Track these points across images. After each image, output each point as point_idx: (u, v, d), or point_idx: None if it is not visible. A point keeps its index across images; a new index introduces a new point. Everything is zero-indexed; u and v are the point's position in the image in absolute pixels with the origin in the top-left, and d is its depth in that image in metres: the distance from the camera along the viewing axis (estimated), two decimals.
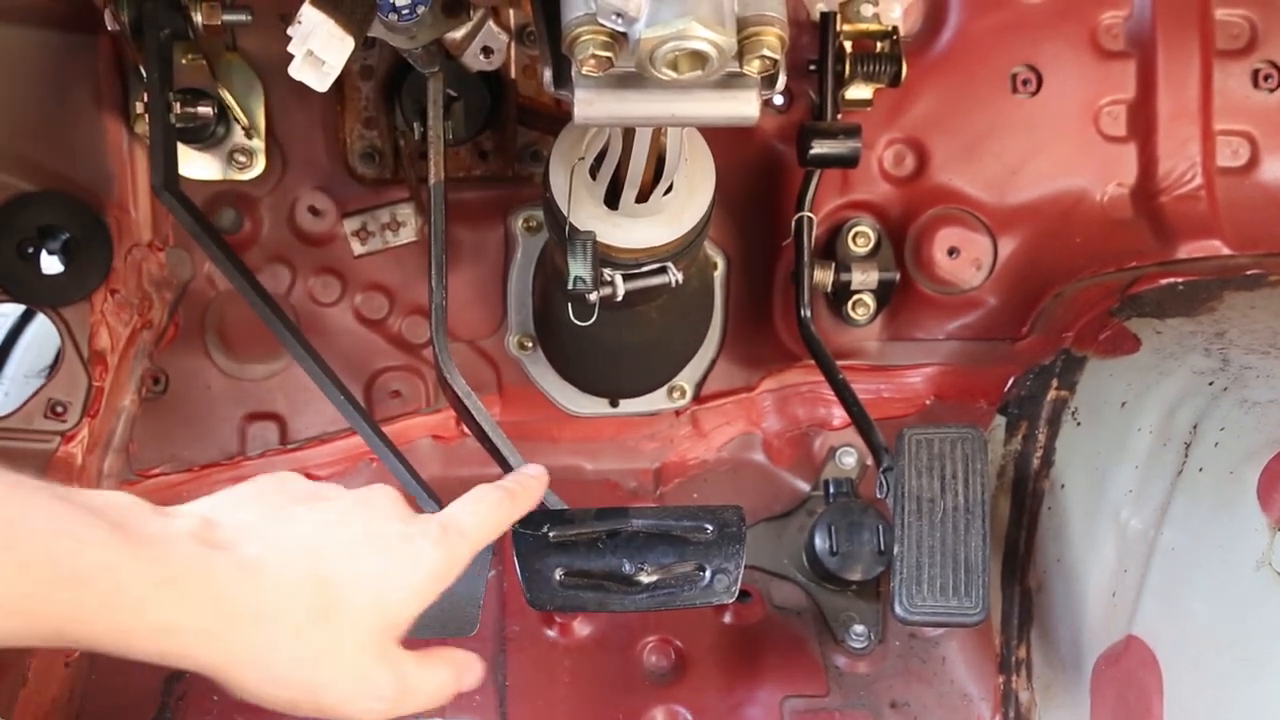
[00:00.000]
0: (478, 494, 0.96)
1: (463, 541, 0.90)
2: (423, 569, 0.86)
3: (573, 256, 1.19)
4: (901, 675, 1.50)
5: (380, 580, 0.83)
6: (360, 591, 0.82)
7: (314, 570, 0.80)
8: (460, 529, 0.91)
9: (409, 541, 0.86)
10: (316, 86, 1.04)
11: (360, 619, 0.82)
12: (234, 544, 0.79)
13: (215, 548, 0.78)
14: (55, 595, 0.69)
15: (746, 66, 0.89)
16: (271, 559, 0.79)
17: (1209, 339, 1.32)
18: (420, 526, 0.88)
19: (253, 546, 0.79)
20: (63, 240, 1.47)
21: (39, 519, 0.70)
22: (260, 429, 1.61)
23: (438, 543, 0.88)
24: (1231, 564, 1.09)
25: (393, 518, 0.87)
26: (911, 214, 1.62)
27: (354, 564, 0.83)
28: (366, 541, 0.84)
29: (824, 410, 1.64)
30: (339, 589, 0.81)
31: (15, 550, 0.68)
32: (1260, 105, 1.62)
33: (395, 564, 0.85)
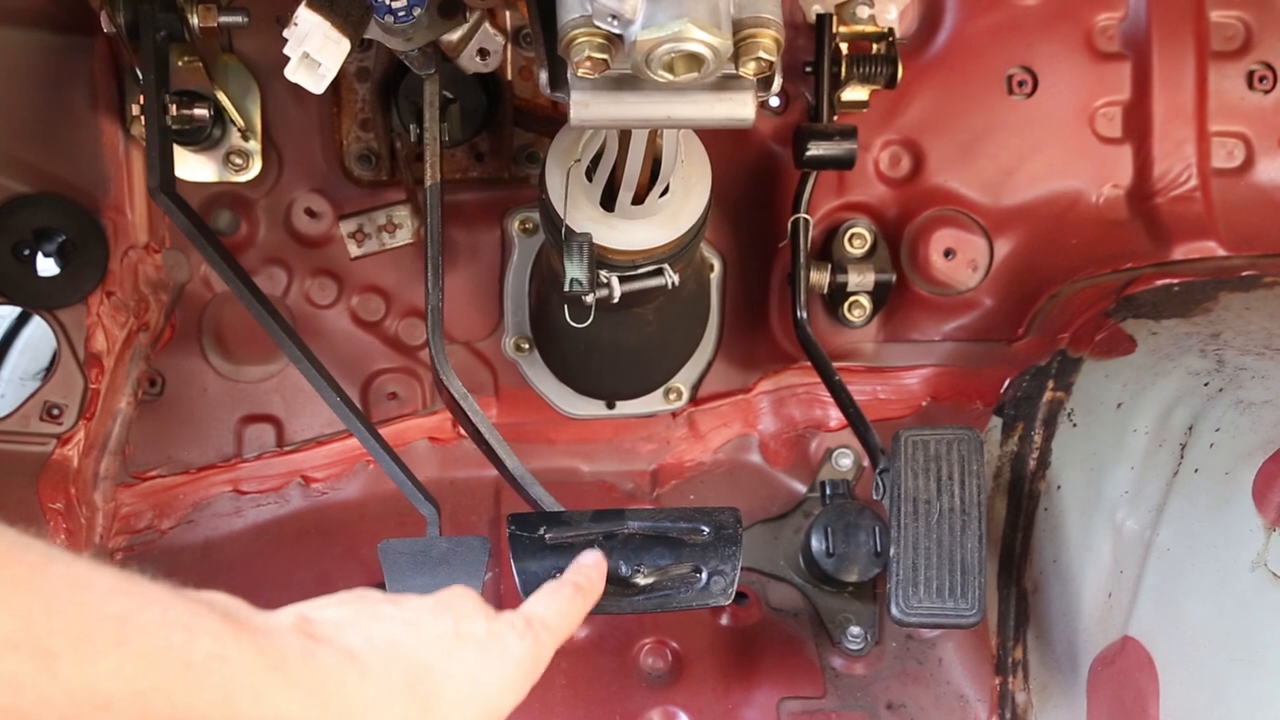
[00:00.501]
0: (552, 588, 0.99)
1: (547, 634, 0.92)
2: (513, 663, 0.87)
3: (569, 258, 1.19)
4: (898, 677, 1.51)
5: (473, 675, 0.84)
6: (455, 686, 0.83)
7: (410, 665, 0.81)
8: (543, 621, 0.93)
9: (496, 638, 0.87)
10: (312, 88, 1.03)
11: (456, 713, 0.82)
12: (332, 638, 0.79)
13: (317, 640, 0.78)
14: (171, 689, 0.67)
15: (742, 68, 0.89)
16: (369, 653, 0.79)
17: (1204, 340, 1.32)
18: (505, 623, 0.89)
19: (351, 639, 0.79)
20: (59, 242, 1.47)
21: (151, 612, 0.68)
22: (257, 431, 1.61)
23: (523, 635, 0.89)
24: (1227, 564, 1.09)
25: (477, 616, 0.88)
26: (907, 215, 1.62)
27: (446, 660, 0.83)
28: (456, 638, 0.85)
29: (820, 412, 1.64)
30: (435, 684, 0.81)
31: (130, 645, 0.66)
32: (1255, 106, 1.63)
33: (486, 659, 0.86)
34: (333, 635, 0.78)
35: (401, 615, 0.83)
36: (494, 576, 1.52)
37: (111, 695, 0.65)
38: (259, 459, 1.61)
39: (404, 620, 0.83)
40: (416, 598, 0.88)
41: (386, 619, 0.82)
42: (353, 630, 0.80)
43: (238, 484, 1.60)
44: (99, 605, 0.65)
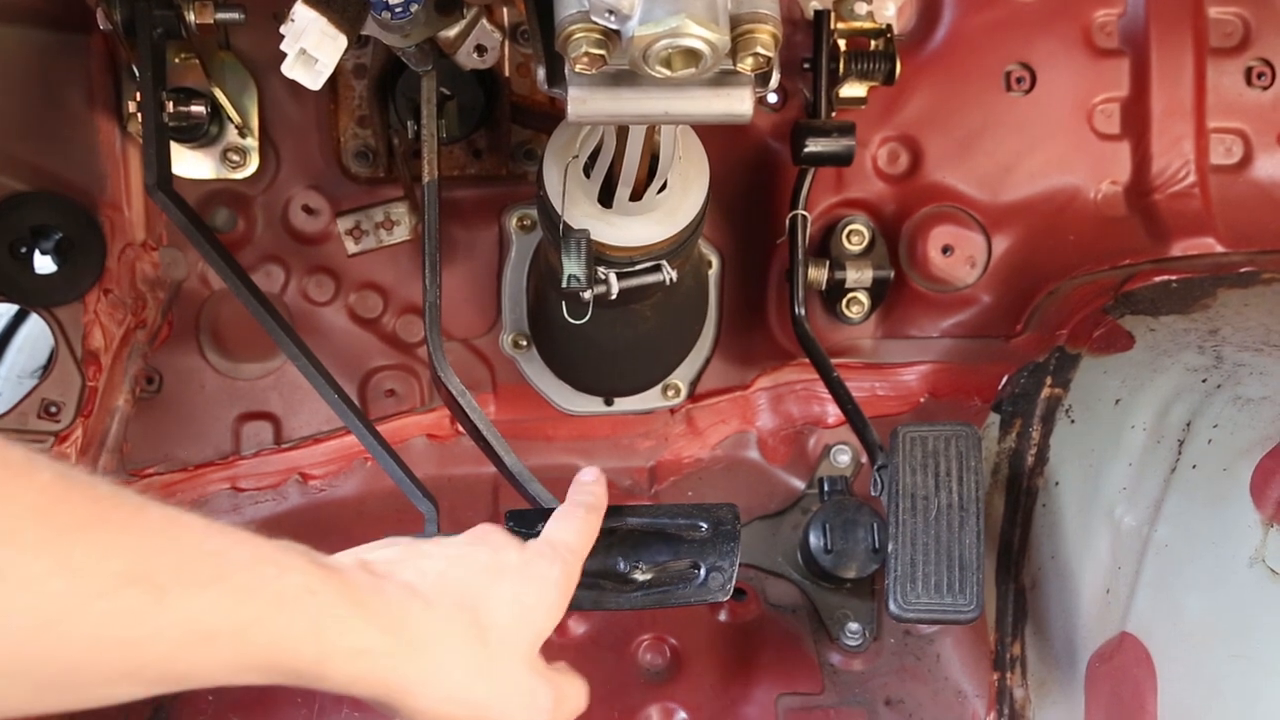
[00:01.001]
0: (564, 512, 1.05)
1: (570, 554, 0.98)
2: (550, 585, 0.93)
3: (567, 255, 1.18)
4: (896, 673, 1.51)
5: (518, 599, 0.90)
6: (505, 610, 0.88)
7: (462, 594, 0.86)
8: (566, 544, 0.98)
9: (529, 565, 0.93)
10: (309, 85, 1.03)
11: (510, 637, 0.88)
12: (390, 574, 0.83)
13: (379, 576, 0.82)
14: (268, 622, 0.71)
15: (740, 64, 0.89)
16: (425, 586, 0.84)
17: (1202, 336, 1.32)
18: (534, 550, 0.95)
19: (408, 574, 0.84)
20: (56, 240, 1.46)
21: (244, 549, 0.72)
22: (255, 428, 1.61)
23: (552, 560, 0.95)
24: (1225, 560, 1.09)
25: (509, 547, 0.94)
26: (906, 212, 1.62)
27: (492, 588, 0.89)
28: (497, 568, 0.90)
29: (818, 408, 1.64)
30: (488, 609, 0.87)
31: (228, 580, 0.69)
32: (1253, 103, 1.63)
33: (525, 585, 0.91)
34: (390, 572, 0.83)
35: (444, 552, 0.89)
36: None
37: (215, 628, 0.68)
38: (257, 456, 1.61)
39: (447, 556, 0.88)
40: (451, 537, 0.94)
41: (432, 556, 0.87)
42: (406, 567, 0.84)
43: (236, 481, 1.60)
44: (197, 543, 0.69)
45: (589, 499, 1.08)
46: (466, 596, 0.86)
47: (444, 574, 0.87)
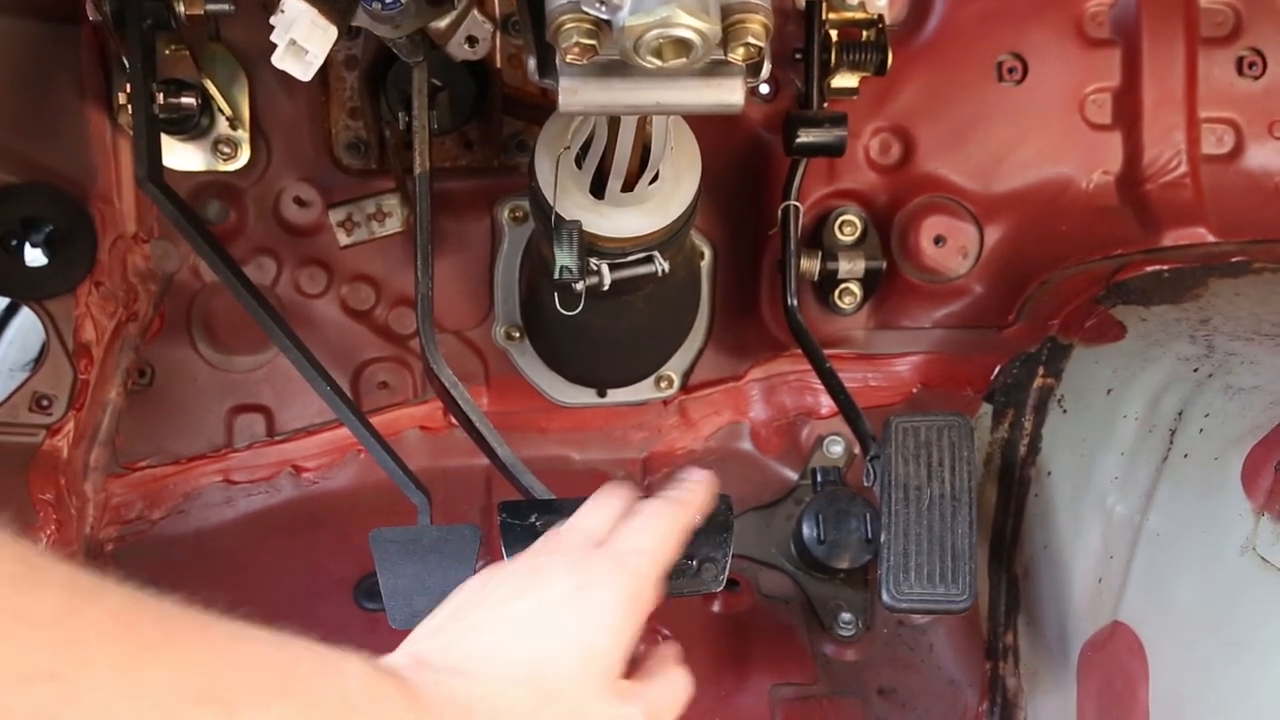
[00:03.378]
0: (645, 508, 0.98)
1: (640, 559, 0.92)
2: (611, 604, 0.88)
3: (559, 246, 1.18)
4: (889, 663, 1.51)
5: (579, 641, 0.85)
6: (567, 660, 0.84)
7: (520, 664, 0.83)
8: (635, 549, 0.92)
9: (585, 590, 0.88)
10: (300, 76, 1.03)
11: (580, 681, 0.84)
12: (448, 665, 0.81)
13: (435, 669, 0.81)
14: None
15: (731, 54, 0.88)
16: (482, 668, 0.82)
17: (1194, 326, 1.32)
18: (592, 569, 0.90)
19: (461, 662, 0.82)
20: (46, 233, 1.46)
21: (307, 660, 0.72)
22: (247, 421, 1.61)
23: (614, 573, 0.89)
24: (1216, 549, 1.10)
25: (559, 577, 0.89)
26: (898, 202, 1.62)
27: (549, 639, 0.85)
28: (549, 610, 0.86)
29: (811, 399, 1.65)
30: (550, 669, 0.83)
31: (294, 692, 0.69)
32: (1244, 93, 1.63)
33: (583, 617, 0.86)
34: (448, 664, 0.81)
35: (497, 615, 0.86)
36: (485, 565, 1.52)
37: None
38: (249, 449, 1.60)
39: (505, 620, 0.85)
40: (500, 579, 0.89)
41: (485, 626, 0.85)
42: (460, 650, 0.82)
43: (228, 474, 1.60)
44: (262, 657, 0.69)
45: (679, 493, 1.01)
46: (524, 665, 0.83)
47: (500, 646, 0.84)
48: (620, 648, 0.87)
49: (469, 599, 0.90)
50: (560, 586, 0.88)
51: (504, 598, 0.88)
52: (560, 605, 0.87)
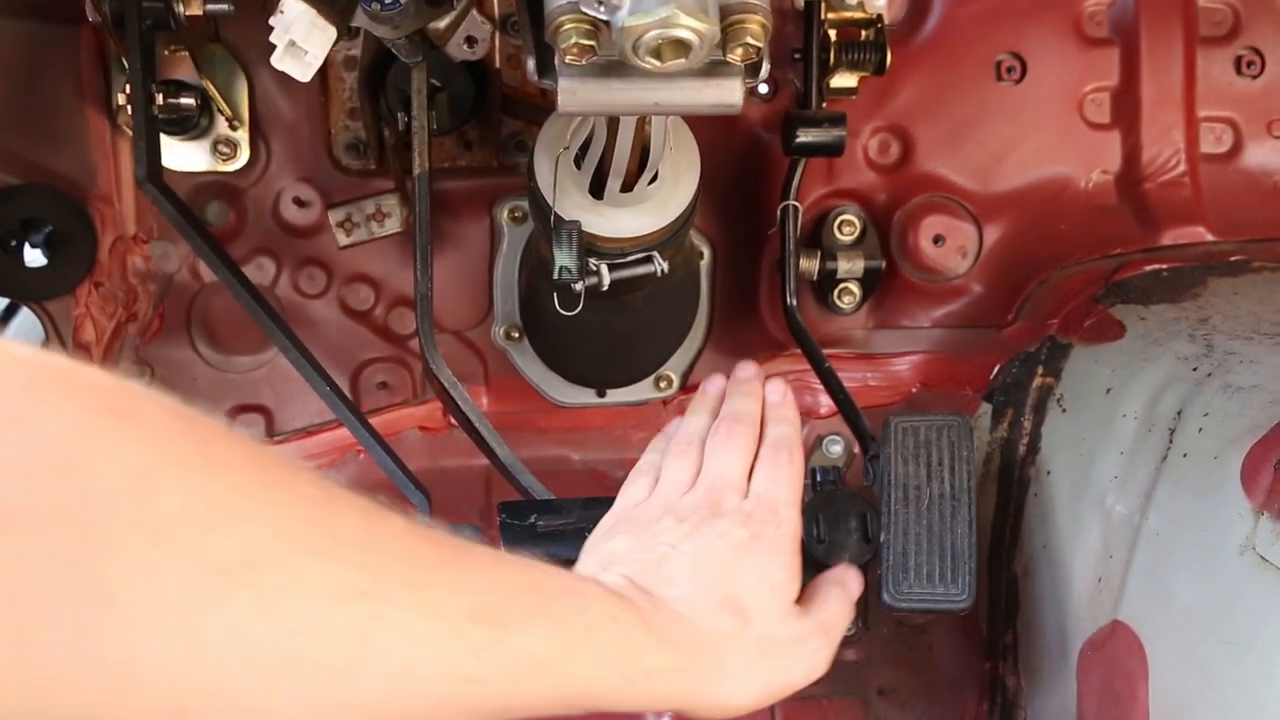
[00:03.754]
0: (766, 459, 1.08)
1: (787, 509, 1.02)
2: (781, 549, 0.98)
3: (558, 246, 1.18)
4: (889, 662, 1.51)
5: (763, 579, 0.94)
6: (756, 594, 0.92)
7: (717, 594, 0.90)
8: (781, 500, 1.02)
9: (759, 538, 0.96)
10: (299, 76, 1.03)
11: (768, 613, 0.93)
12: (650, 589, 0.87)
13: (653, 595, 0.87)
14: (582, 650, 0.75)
15: (730, 54, 0.89)
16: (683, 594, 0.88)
17: (1193, 325, 1.32)
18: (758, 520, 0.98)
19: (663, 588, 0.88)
20: (46, 233, 1.46)
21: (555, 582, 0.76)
22: (247, 421, 1.61)
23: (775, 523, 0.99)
24: (1216, 548, 1.10)
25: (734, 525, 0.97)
26: (897, 202, 1.62)
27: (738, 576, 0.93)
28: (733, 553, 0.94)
29: (810, 398, 1.64)
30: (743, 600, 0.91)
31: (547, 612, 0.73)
32: (1243, 92, 1.63)
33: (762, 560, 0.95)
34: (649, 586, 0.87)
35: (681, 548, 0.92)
36: None
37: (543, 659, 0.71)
38: None
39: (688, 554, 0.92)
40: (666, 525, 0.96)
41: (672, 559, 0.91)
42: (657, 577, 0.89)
43: None
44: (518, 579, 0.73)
45: (782, 431, 1.10)
46: (721, 592, 0.90)
47: (694, 576, 0.90)
48: (793, 582, 0.98)
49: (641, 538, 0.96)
50: (739, 534, 0.95)
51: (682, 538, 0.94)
52: (741, 550, 0.94)
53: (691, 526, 0.96)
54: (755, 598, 0.92)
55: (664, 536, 0.95)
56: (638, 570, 0.90)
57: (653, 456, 1.13)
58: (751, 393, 1.15)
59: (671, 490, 1.03)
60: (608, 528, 1.02)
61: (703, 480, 1.03)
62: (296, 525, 0.57)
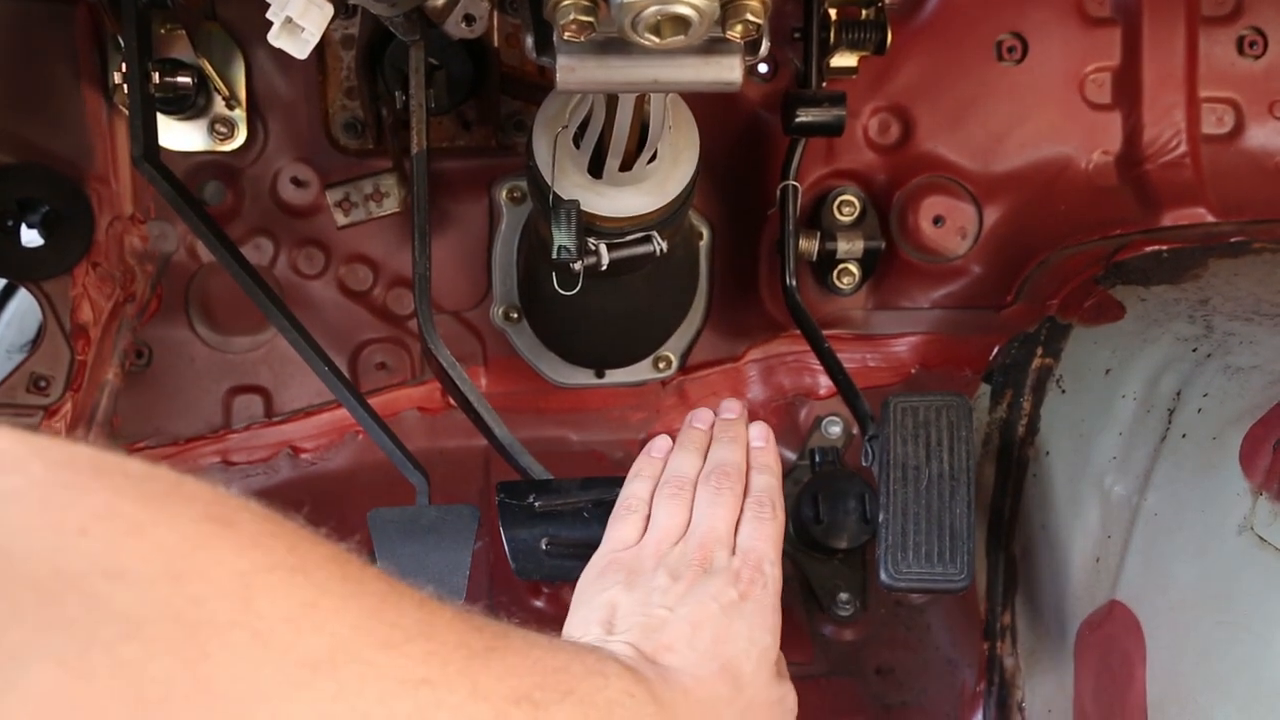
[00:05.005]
0: (750, 515, 1.09)
1: (770, 566, 1.04)
2: (767, 610, 1.01)
3: (557, 226, 1.18)
4: (887, 642, 1.51)
5: (752, 642, 0.98)
6: (747, 656, 0.97)
7: (714, 658, 0.95)
8: (763, 558, 1.04)
9: (747, 599, 1.00)
10: (296, 54, 1.02)
11: (758, 675, 0.97)
12: (656, 659, 0.92)
13: (660, 666, 0.91)
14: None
15: (729, 31, 0.88)
16: (685, 661, 0.93)
17: (1193, 306, 1.32)
18: (744, 579, 1.01)
19: (665, 658, 0.93)
20: (42, 213, 1.45)
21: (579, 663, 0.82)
22: (245, 402, 1.61)
23: (759, 583, 1.02)
24: (1214, 528, 1.10)
25: (724, 586, 1.00)
26: (897, 182, 1.61)
27: (731, 639, 0.97)
28: (725, 615, 0.98)
29: (810, 379, 1.65)
30: (735, 662, 0.96)
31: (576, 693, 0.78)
32: (1245, 72, 1.62)
33: (751, 621, 0.99)
34: (655, 656, 0.92)
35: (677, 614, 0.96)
36: (484, 545, 1.53)
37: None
38: (247, 430, 1.60)
39: (686, 620, 0.96)
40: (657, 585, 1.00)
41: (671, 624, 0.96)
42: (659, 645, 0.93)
43: (226, 455, 1.60)
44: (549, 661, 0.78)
45: (765, 482, 1.12)
46: (717, 661, 0.95)
47: (692, 643, 0.95)
48: (776, 644, 1.01)
49: (635, 592, 1.00)
50: (729, 595, 0.99)
51: (677, 599, 0.99)
52: (733, 612, 0.98)
53: (685, 586, 1.00)
54: (747, 664, 0.97)
55: (659, 598, 0.99)
56: (639, 636, 0.95)
57: (638, 487, 1.13)
58: (737, 438, 1.16)
59: (663, 538, 1.06)
60: (600, 570, 1.05)
61: (693, 534, 1.06)
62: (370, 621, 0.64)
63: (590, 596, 1.03)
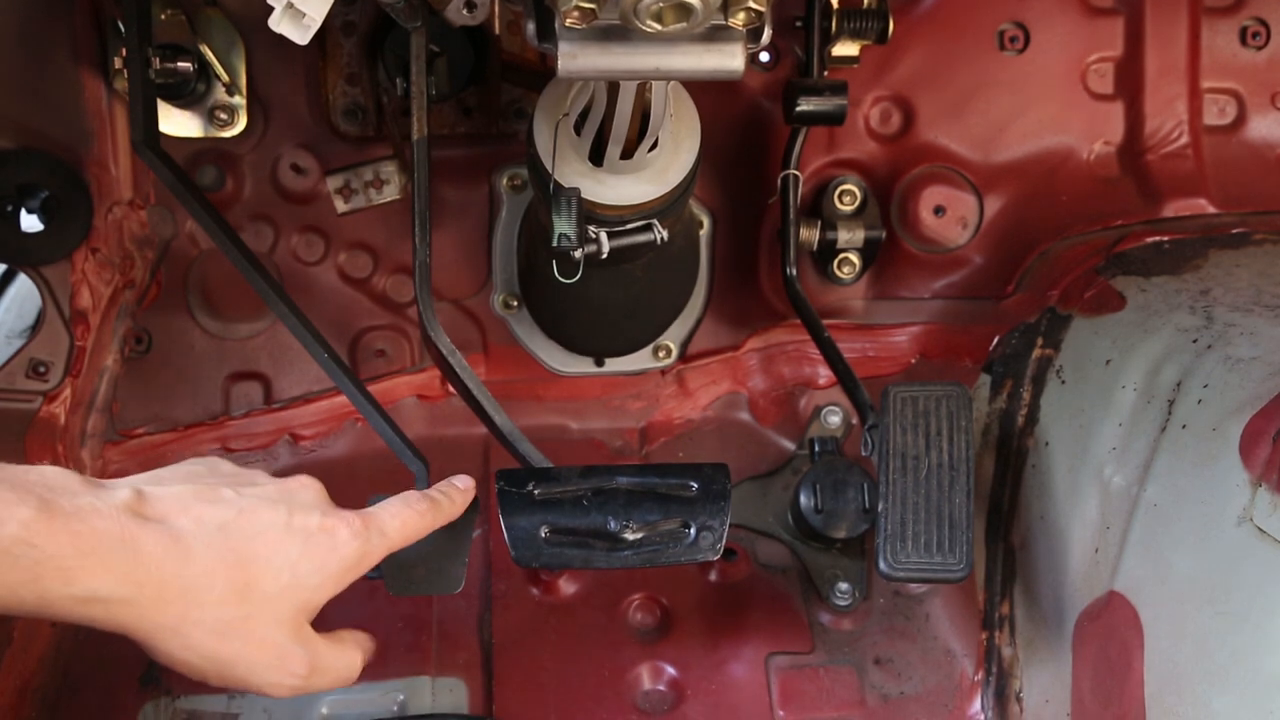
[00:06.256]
0: (404, 498, 1.04)
1: (381, 540, 0.98)
2: (337, 559, 0.93)
3: (557, 214, 1.18)
4: (885, 632, 1.52)
5: (296, 565, 0.90)
6: (277, 574, 0.89)
7: (235, 550, 0.87)
8: (380, 528, 0.98)
9: (328, 533, 0.93)
10: (297, 39, 1.02)
11: (275, 600, 0.89)
12: (164, 517, 0.85)
13: (146, 520, 0.84)
14: None
15: (731, 19, 0.88)
16: (197, 536, 0.86)
17: (1194, 297, 1.32)
18: (342, 519, 0.95)
19: (181, 521, 0.86)
20: (42, 199, 1.45)
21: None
22: (244, 388, 1.61)
23: (356, 534, 0.95)
24: (1213, 519, 1.10)
25: (313, 509, 0.94)
26: (898, 172, 1.61)
27: (271, 550, 0.90)
28: (287, 528, 0.91)
29: (809, 369, 1.65)
30: (257, 570, 0.88)
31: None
32: (1248, 63, 1.62)
33: (312, 551, 0.92)
34: (163, 515, 0.85)
35: (239, 502, 0.89)
36: (483, 533, 1.53)
37: None
38: (247, 416, 1.60)
39: (240, 508, 0.89)
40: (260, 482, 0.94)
41: (223, 502, 0.88)
42: (185, 512, 0.86)
43: (226, 441, 1.60)
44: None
45: (439, 497, 1.08)
46: (240, 554, 0.88)
47: (224, 526, 0.88)
48: (324, 598, 0.93)
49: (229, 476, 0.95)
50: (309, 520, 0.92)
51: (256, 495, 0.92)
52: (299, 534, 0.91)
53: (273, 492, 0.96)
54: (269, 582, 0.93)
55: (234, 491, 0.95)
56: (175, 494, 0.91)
57: None
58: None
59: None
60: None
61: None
62: None
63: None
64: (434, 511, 1.06)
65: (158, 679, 1.39)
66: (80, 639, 1.42)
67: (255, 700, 1.37)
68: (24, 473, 0.81)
